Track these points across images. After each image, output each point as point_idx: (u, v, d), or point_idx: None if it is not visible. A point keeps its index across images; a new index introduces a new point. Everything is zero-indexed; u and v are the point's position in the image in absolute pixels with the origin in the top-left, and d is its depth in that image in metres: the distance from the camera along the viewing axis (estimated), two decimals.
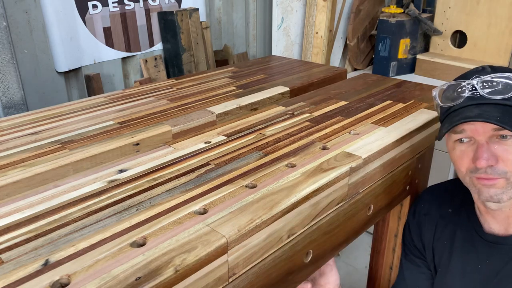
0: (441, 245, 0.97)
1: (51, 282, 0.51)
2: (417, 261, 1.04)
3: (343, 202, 0.85)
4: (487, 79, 0.78)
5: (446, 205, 0.99)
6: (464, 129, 0.80)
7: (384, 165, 0.94)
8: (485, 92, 0.78)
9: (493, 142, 0.78)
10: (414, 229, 1.03)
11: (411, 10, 2.28)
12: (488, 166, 0.78)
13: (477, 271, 0.90)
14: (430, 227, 1.00)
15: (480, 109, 0.77)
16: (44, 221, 0.64)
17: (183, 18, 1.93)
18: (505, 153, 0.77)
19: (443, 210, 0.99)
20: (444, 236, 0.97)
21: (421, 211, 1.03)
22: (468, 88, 0.79)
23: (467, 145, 0.81)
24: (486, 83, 0.78)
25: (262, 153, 0.86)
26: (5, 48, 1.44)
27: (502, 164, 0.78)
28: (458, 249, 0.94)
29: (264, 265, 0.69)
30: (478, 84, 0.78)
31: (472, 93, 0.79)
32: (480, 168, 0.78)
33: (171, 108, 1.13)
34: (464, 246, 0.93)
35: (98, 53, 1.80)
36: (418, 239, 1.02)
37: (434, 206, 1.01)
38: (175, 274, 0.53)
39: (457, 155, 0.83)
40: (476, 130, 0.79)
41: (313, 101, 1.18)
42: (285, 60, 1.71)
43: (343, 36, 2.49)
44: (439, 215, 0.99)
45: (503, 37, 2.13)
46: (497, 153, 0.78)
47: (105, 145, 0.90)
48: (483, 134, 0.78)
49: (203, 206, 0.67)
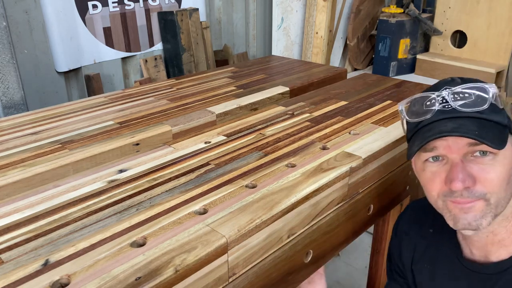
0: (422, 267, 0.88)
1: (51, 282, 0.51)
2: (399, 280, 0.95)
3: (343, 202, 0.85)
4: (458, 90, 0.71)
5: (428, 225, 0.89)
6: (436, 147, 0.71)
7: (384, 165, 0.94)
8: (457, 104, 0.70)
9: (468, 160, 0.69)
10: (395, 249, 0.95)
11: (411, 10, 2.28)
12: (465, 189, 0.68)
13: None
14: (409, 248, 0.91)
15: (455, 123, 0.69)
16: (44, 221, 0.64)
17: (183, 18, 1.94)
18: (483, 172, 0.68)
19: (424, 230, 0.89)
20: (424, 259, 0.88)
21: (402, 230, 0.94)
22: (438, 100, 0.72)
23: (439, 165, 0.72)
24: (458, 94, 0.71)
25: (262, 153, 0.86)
26: (5, 48, 1.44)
27: (480, 185, 0.68)
28: (440, 275, 0.85)
29: (264, 265, 0.69)
30: (449, 96, 0.71)
31: (443, 106, 0.71)
32: (455, 191, 0.69)
33: (171, 108, 1.13)
34: (445, 272, 0.84)
35: (98, 53, 1.80)
36: (398, 259, 0.94)
37: (415, 225, 0.92)
38: (175, 274, 0.53)
39: (428, 177, 0.73)
40: (449, 146, 0.70)
41: (313, 101, 1.18)
42: (285, 60, 1.71)
43: (343, 36, 2.49)
44: (420, 235, 0.90)
45: (503, 37, 2.13)
46: (473, 173, 0.68)
47: (105, 145, 0.90)
48: (457, 152, 0.69)
49: (203, 206, 0.67)
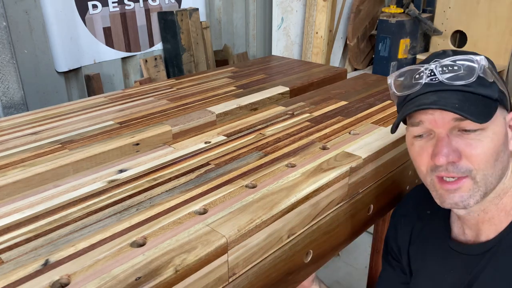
0: (416, 248, 0.88)
1: (51, 282, 0.51)
2: (393, 263, 0.95)
3: (343, 202, 0.85)
4: (447, 62, 0.69)
5: (426, 206, 0.88)
6: (422, 120, 0.70)
7: (384, 165, 0.94)
8: (444, 77, 0.68)
9: (454, 135, 0.68)
10: (391, 231, 0.95)
11: (411, 10, 2.28)
12: (449, 163, 0.67)
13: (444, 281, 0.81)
14: (406, 229, 0.90)
15: (437, 96, 0.68)
16: (44, 221, 0.64)
17: (183, 18, 1.94)
18: (469, 147, 0.67)
19: (422, 211, 0.89)
20: (419, 240, 0.88)
21: (400, 213, 0.94)
22: (426, 73, 0.70)
23: (426, 139, 0.71)
24: (446, 67, 0.69)
25: (262, 153, 0.86)
26: (5, 48, 1.44)
27: (465, 160, 0.67)
28: (429, 255, 0.85)
29: (264, 265, 0.69)
30: (437, 69, 0.69)
31: (431, 79, 0.70)
32: (439, 165, 0.68)
33: (171, 108, 1.13)
34: (434, 253, 0.84)
35: (98, 53, 1.80)
36: (394, 242, 0.93)
37: (413, 207, 0.91)
38: (175, 274, 0.53)
39: (416, 151, 0.73)
40: (434, 121, 0.68)
41: (313, 101, 1.18)
42: (285, 60, 1.71)
43: (343, 36, 2.49)
44: (417, 216, 0.89)
45: (503, 37, 2.13)
46: (459, 148, 0.67)
47: (105, 145, 0.90)
48: (442, 126, 0.68)
49: (203, 206, 0.67)
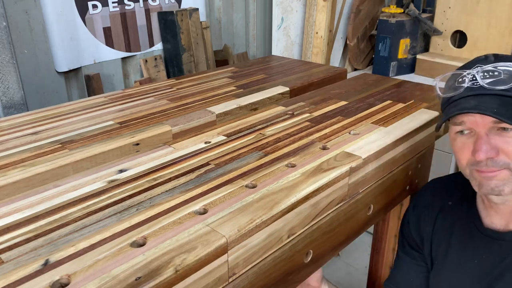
0: (439, 237, 0.95)
1: (51, 282, 0.51)
2: (414, 253, 1.02)
3: (343, 202, 0.85)
4: (488, 68, 0.75)
5: (447, 198, 0.97)
6: (464, 121, 0.78)
7: (384, 165, 0.94)
8: (485, 82, 0.75)
9: (493, 133, 0.76)
10: (413, 222, 1.01)
11: (411, 10, 2.28)
12: (488, 159, 0.75)
13: (474, 266, 0.88)
14: (429, 219, 0.98)
15: (477, 100, 0.75)
16: (44, 221, 0.64)
17: (183, 18, 1.93)
18: (506, 144, 0.75)
19: (444, 202, 0.97)
20: (443, 229, 0.95)
21: (421, 203, 1.01)
22: (468, 78, 0.77)
23: (467, 136, 0.79)
24: (487, 72, 0.75)
25: (262, 153, 0.86)
26: (5, 48, 1.44)
27: (503, 155, 0.75)
28: (456, 243, 0.92)
29: (264, 265, 0.69)
30: (479, 74, 0.76)
31: (472, 83, 0.76)
32: (479, 161, 0.76)
33: (171, 108, 1.13)
34: (462, 240, 0.91)
35: (98, 53, 1.80)
36: (416, 232, 1.00)
37: (435, 198, 0.99)
38: (175, 274, 0.53)
39: (458, 146, 0.81)
40: (475, 121, 0.76)
41: (313, 101, 1.18)
42: (285, 60, 1.71)
43: (343, 36, 2.49)
44: (439, 207, 0.97)
45: (503, 37, 2.13)
46: (497, 145, 0.75)
47: (105, 145, 0.90)
48: (482, 126, 0.76)
49: (203, 206, 0.67)
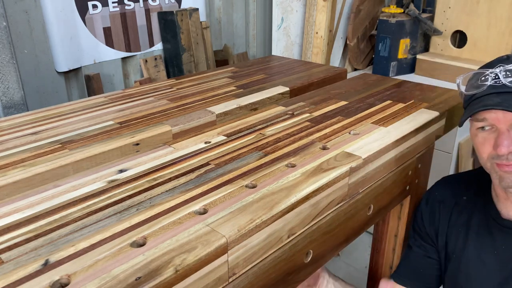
0: (456, 231, 0.98)
1: (51, 282, 0.51)
2: (426, 246, 1.05)
3: (343, 202, 0.85)
4: (510, 68, 0.79)
5: (461, 193, 1.01)
6: (486, 118, 0.81)
7: (384, 165, 0.94)
8: (507, 81, 0.78)
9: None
10: (427, 216, 1.05)
11: (411, 10, 2.28)
12: (510, 153, 0.79)
13: (493, 257, 0.91)
14: (445, 213, 1.01)
15: (501, 98, 0.78)
16: (44, 221, 0.64)
17: (183, 18, 1.93)
18: None
19: (458, 197, 1.01)
20: (459, 222, 0.98)
21: (435, 198, 1.04)
22: (491, 76, 0.81)
23: (488, 132, 0.83)
24: (510, 71, 0.79)
25: (262, 153, 0.86)
26: (5, 48, 1.44)
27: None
28: (473, 235, 0.95)
29: (264, 265, 0.69)
30: (501, 73, 0.79)
31: (495, 81, 0.80)
32: (501, 155, 0.80)
33: (171, 108, 1.13)
34: (480, 232, 0.94)
35: (98, 53, 1.80)
36: (430, 226, 1.03)
37: (449, 194, 1.03)
38: (175, 274, 0.53)
39: (479, 141, 0.85)
40: (497, 118, 0.80)
41: (313, 101, 1.18)
42: (285, 60, 1.71)
43: (343, 36, 2.49)
44: (454, 202, 1.01)
45: (503, 37, 2.13)
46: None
47: (105, 145, 0.90)
48: (504, 123, 0.79)
49: (203, 206, 0.67)
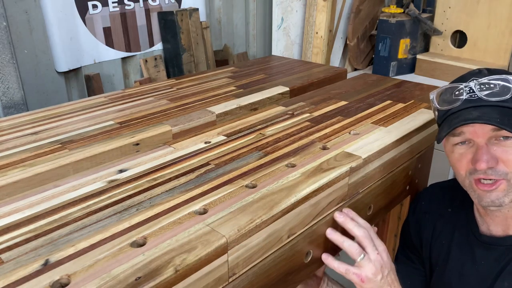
0: (439, 244, 0.98)
1: (51, 282, 0.51)
2: (412, 256, 1.05)
3: (343, 202, 0.85)
4: (484, 81, 0.79)
5: (446, 204, 1.00)
6: (463, 132, 0.80)
7: (384, 165, 0.94)
8: (483, 94, 0.78)
9: (492, 144, 0.78)
10: (413, 226, 1.04)
11: (411, 10, 2.28)
12: (488, 168, 0.78)
13: (473, 272, 0.90)
14: (429, 225, 1.00)
15: (479, 111, 0.77)
16: (44, 221, 0.64)
17: (183, 18, 1.93)
18: (505, 154, 0.77)
19: (443, 209, 1.00)
20: (442, 236, 0.98)
21: (421, 209, 1.04)
22: (466, 90, 0.80)
23: (466, 147, 0.82)
24: (484, 85, 0.79)
25: (262, 153, 0.86)
26: (5, 48, 1.44)
27: (502, 165, 0.78)
28: (455, 250, 0.94)
29: (264, 265, 0.69)
30: (476, 87, 0.79)
31: (470, 95, 0.79)
32: (479, 170, 0.78)
33: (171, 108, 1.13)
34: (461, 247, 0.94)
35: (98, 53, 1.80)
36: (416, 236, 1.03)
37: (434, 205, 1.02)
38: (175, 274, 0.53)
39: (456, 157, 0.83)
40: (475, 132, 0.79)
41: (313, 101, 1.18)
42: (285, 60, 1.71)
43: (343, 36, 2.49)
44: (439, 214, 1.00)
45: (503, 37, 2.13)
46: (496, 155, 0.78)
47: (105, 145, 0.90)
48: (482, 136, 0.78)
49: (203, 206, 0.67)
